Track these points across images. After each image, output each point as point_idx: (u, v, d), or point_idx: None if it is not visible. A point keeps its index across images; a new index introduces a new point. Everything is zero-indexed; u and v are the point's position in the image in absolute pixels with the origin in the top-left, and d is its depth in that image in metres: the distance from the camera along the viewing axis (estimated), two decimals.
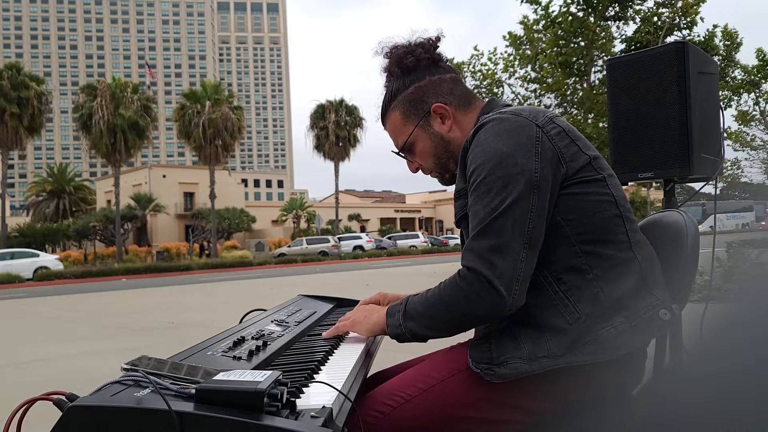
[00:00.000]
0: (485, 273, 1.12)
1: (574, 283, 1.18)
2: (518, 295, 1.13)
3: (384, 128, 1.48)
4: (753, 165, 18.04)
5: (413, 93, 1.39)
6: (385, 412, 1.17)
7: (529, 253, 1.15)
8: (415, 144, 1.42)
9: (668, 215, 1.48)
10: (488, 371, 1.17)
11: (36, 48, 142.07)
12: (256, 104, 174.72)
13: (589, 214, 1.21)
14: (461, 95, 1.40)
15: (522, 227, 1.15)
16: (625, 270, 1.20)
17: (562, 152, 1.21)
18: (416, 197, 77.13)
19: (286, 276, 18.21)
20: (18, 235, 39.72)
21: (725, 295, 4.71)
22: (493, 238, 1.14)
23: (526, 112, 1.25)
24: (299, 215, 49.79)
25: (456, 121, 1.39)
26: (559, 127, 1.24)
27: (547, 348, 1.15)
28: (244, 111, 35.04)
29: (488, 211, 1.16)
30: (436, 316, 1.19)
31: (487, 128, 1.22)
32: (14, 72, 29.83)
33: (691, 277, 1.36)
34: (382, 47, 1.42)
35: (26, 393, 0.88)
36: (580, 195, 1.21)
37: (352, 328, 1.39)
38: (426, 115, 1.38)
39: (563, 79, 10.92)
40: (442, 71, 1.41)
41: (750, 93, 14.12)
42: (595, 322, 1.16)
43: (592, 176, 1.22)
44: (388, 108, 1.43)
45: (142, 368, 0.88)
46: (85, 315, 9.73)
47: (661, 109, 2.30)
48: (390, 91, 1.42)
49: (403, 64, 1.39)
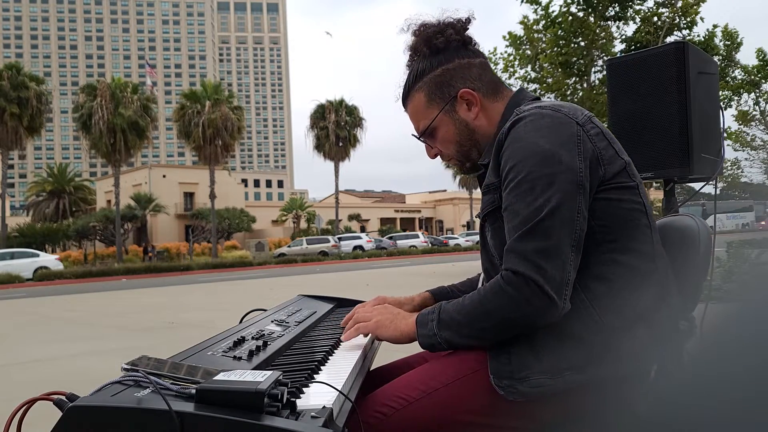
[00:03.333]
0: (534, 277, 1.06)
1: (599, 292, 1.14)
2: (567, 299, 1.09)
3: (405, 110, 1.41)
4: (753, 165, 18.06)
5: (441, 75, 1.32)
6: (387, 414, 1.14)
7: (575, 256, 1.11)
8: (437, 129, 1.35)
9: (680, 220, 1.45)
10: (511, 389, 1.11)
11: (36, 48, 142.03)
12: (256, 104, 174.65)
13: (621, 221, 1.16)
14: (489, 82, 1.34)
15: (570, 229, 1.10)
16: (647, 281, 1.17)
17: (601, 154, 1.16)
18: (416, 197, 77.14)
19: (286, 276, 18.21)
20: (18, 235, 39.70)
21: (725, 295, 4.70)
22: (541, 240, 1.08)
23: (566, 108, 1.20)
24: (299, 215, 49.80)
25: (483, 109, 1.32)
26: (597, 127, 1.20)
27: (568, 359, 1.11)
28: (244, 111, 35.04)
29: (532, 210, 1.10)
30: (476, 324, 1.13)
31: (527, 122, 1.16)
32: (14, 72, 29.83)
33: (702, 283, 1.34)
34: (409, 24, 1.35)
35: (26, 393, 0.88)
36: (616, 201, 1.16)
37: (375, 331, 1.29)
38: (452, 99, 1.32)
39: (563, 79, 10.92)
40: (471, 55, 1.34)
41: (750, 93, 14.13)
42: (617, 333, 1.12)
43: (627, 183, 1.18)
44: (412, 89, 1.35)
45: (142, 368, 0.88)
46: (85, 315, 9.72)
47: (661, 109, 2.30)
48: (415, 71, 1.35)
49: (432, 43, 1.32)
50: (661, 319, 1.16)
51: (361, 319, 1.33)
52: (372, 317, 1.31)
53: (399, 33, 1.36)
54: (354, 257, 32.42)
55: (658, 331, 1.15)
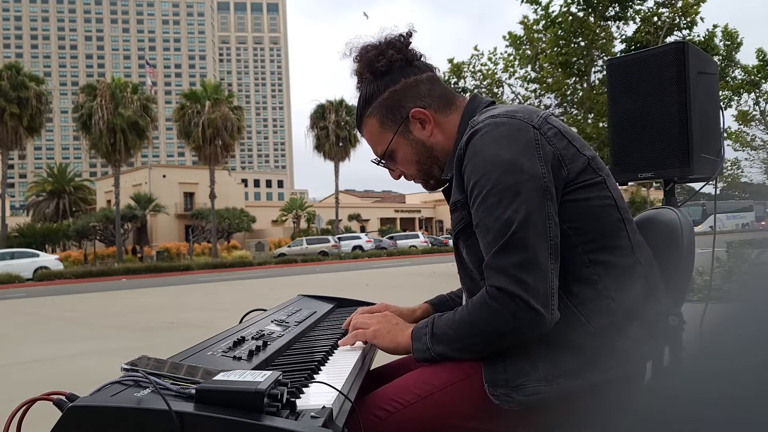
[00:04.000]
0: (518, 293, 1.06)
1: (585, 295, 1.13)
2: (555, 309, 1.08)
3: (361, 135, 1.40)
4: (753, 165, 18.09)
5: (389, 98, 1.29)
6: (382, 417, 1.14)
7: (555, 264, 1.10)
8: (395, 152, 1.33)
9: (662, 213, 1.43)
10: (506, 398, 1.11)
11: (36, 48, 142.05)
12: (256, 104, 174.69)
13: (593, 220, 1.15)
14: (440, 96, 1.31)
15: (544, 237, 1.09)
16: (631, 276, 1.15)
17: (562, 154, 1.15)
18: (416, 197, 77.12)
19: (286, 276, 18.21)
20: (18, 235, 39.70)
21: (725, 295, 4.70)
22: (517, 254, 1.07)
23: (520, 113, 1.18)
24: (299, 215, 49.81)
25: (437, 125, 1.30)
26: (554, 127, 1.18)
27: (563, 366, 1.10)
28: (244, 111, 35.05)
29: (502, 223, 1.09)
30: (467, 339, 1.14)
31: (483, 134, 1.15)
32: (14, 72, 29.83)
33: (688, 277, 1.33)
34: (350, 49, 1.32)
35: (26, 393, 0.88)
36: (584, 201, 1.15)
37: (373, 340, 1.29)
38: (404, 121, 1.30)
39: (563, 79, 10.93)
40: (417, 71, 1.31)
41: (750, 93, 14.14)
42: (609, 334, 1.11)
43: (593, 179, 1.17)
44: (363, 115, 1.34)
45: (142, 368, 0.88)
46: (85, 315, 9.72)
47: (661, 109, 2.30)
48: (363, 96, 1.33)
49: (374, 67, 1.29)
50: (650, 314, 1.15)
51: (361, 326, 1.33)
52: (371, 325, 1.31)
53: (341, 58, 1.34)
54: (354, 257, 32.42)
55: (649, 326, 1.14)
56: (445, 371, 1.17)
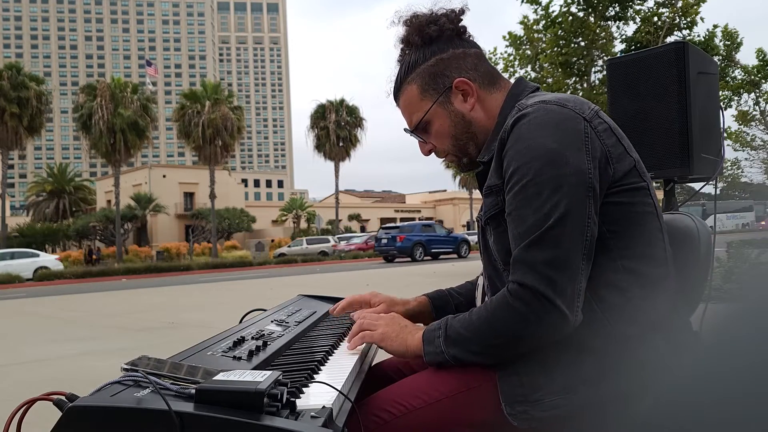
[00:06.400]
0: (544, 291, 1.01)
1: (613, 302, 1.08)
2: (579, 311, 1.03)
3: (396, 104, 1.33)
4: (753, 165, 18.06)
5: (434, 65, 1.24)
6: (386, 419, 1.10)
7: (586, 265, 1.04)
8: (431, 122, 1.27)
9: (679, 219, 1.39)
10: (524, 415, 1.04)
11: (36, 48, 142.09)
12: (256, 104, 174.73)
13: (633, 226, 1.10)
14: (486, 73, 1.26)
15: (580, 236, 1.03)
16: (661, 287, 1.11)
17: (610, 152, 1.09)
18: (416, 197, 77.17)
19: (286, 276, 18.21)
20: (18, 235, 39.74)
21: (725, 295, 4.70)
22: (550, 250, 1.02)
23: (571, 102, 1.11)
24: (299, 215, 49.84)
25: (479, 100, 1.24)
26: (605, 122, 1.12)
27: (582, 373, 1.05)
28: (244, 111, 35.08)
29: (540, 217, 1.03)
30: (485, 341, 1.07)
31: (530, 119, 1.09)
32: (14, 72, 29.86)
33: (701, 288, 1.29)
34: (400, 16, 1.28)
35: (26, 393, 0.88)
36: (627, 205, 1.09)
37: (380, 343, 1.23)
38: (447, 90, 1.24)
39: (563, 79, 10.92)
40: (466, 45, 1.26)
41: (750, 93, 14.11)
42: (633, 344, 1.07)
43: (638, 183, 1.11)
44: (404, 81, 1.28)
45: (142, 368, 0.88)
46: (85, 315, 9.72)
47: (661, 109, 2.30)
48: (407, 63, 1.27)
49: (424, 33, 1.24)
50: (673, 327, 1.12)
51: (367, 327, 1.27)
52: (378, 326, 1.25)
53: (390, 26, 1.29)
54: (354, 257, 32.41)
55: (672, 340, 1.10)
56: (455, 377, 1.12)
